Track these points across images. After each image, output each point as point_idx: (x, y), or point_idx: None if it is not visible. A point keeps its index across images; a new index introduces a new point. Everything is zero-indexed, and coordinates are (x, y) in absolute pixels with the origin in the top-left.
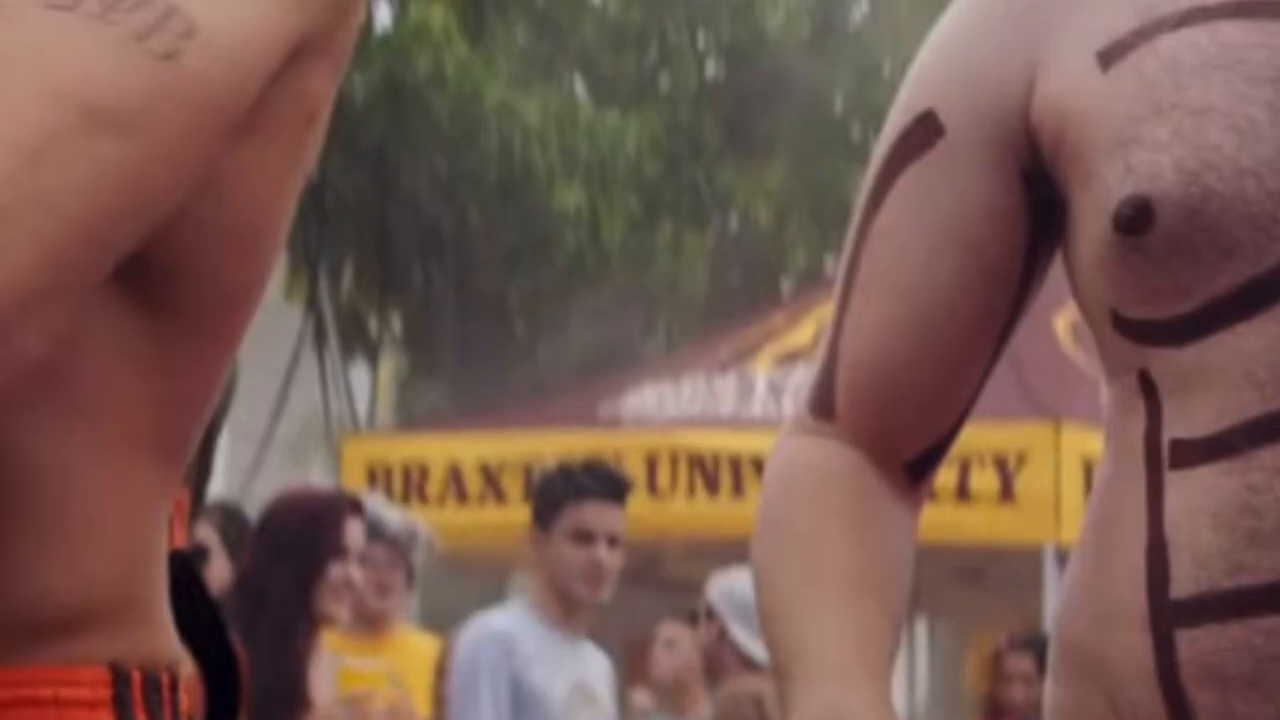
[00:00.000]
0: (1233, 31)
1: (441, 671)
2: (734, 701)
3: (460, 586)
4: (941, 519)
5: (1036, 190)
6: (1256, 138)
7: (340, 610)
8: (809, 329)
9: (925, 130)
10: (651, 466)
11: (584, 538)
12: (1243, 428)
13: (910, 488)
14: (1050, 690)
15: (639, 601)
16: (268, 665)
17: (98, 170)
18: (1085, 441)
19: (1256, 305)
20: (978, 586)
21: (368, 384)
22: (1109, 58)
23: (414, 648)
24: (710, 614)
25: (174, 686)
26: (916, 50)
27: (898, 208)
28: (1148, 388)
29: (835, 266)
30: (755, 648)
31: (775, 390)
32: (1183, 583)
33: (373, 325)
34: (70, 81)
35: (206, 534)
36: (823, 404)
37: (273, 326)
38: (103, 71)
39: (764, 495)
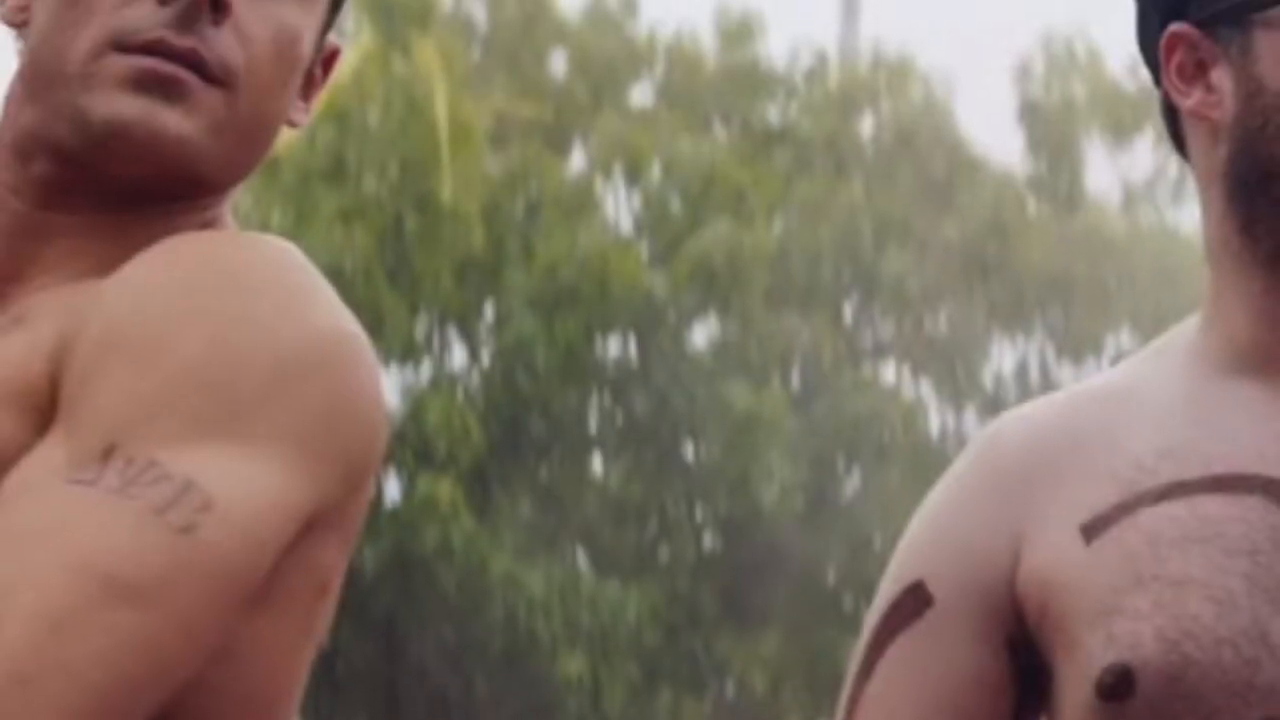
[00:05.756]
0: (1210, 506)
1: None
2: None
3: None
4: None
5: (1022, 658)
6: (1234, 608)
7: None
8: None
9: (914, 600)
10: None
11: None
12: None
13: None
14: None
15: None
16: None
17: (118, 639)
18: None
19: None
20: None
21: None
22: (1092, 531)
23: None
24: None
25: None
26: (906, 524)
27: (888, 675)
28: None
29: None
30: None
31: None
32: None
33: None
34: (91, 554)
35: None
36: None
37: None
38: (123, 544)
39: None
